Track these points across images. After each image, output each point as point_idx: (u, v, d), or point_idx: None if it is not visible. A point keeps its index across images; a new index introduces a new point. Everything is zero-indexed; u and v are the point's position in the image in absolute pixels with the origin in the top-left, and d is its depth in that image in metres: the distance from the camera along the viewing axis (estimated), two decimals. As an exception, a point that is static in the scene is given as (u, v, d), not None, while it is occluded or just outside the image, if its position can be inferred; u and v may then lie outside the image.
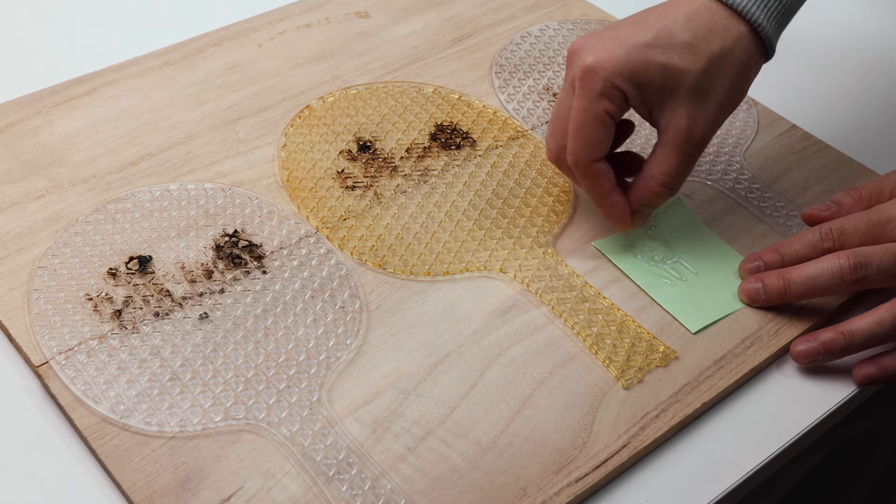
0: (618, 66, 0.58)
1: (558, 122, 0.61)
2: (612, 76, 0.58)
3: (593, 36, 0.59)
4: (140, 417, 0.52)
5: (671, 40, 0.58)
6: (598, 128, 0.59)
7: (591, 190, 0.62)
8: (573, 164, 0.60)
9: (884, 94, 0.81)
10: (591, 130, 0.59)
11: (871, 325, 0.57)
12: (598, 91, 0.58)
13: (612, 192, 0.61)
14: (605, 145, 0.60)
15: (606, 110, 0.58)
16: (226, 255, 0.61)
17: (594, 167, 0.60)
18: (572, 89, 0.60)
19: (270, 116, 0.72)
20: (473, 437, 0.53)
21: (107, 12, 0.84)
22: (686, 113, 0.58)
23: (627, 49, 0.58)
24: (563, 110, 0.60)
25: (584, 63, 0.58)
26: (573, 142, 0.60)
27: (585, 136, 0.59)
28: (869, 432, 0.72)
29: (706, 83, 0.58)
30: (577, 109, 0.59)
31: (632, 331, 0.59)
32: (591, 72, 0.58)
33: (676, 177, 0.60)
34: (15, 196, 0.64)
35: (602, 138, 0.59)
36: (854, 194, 0.63)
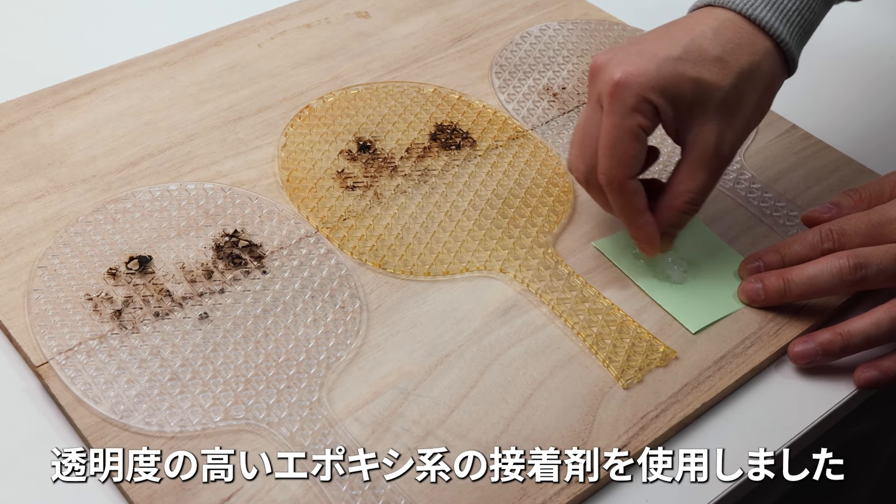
0: (649, 79, 0.56)
1: (586, 140, 0.59)
2: (643, 90, 0.56)
3: (618, 51, 0.58)
4: (140, 417, 0.52)
5: (701, 54, 0.57)
6: (632, 144, 0.57)
7: (623, 210, 0.59)
8: (606, 183, 0.58)
9: (884, 94, 0.81)
10: (625, 147, 0.57)
11: (869, 327, 0.57)
12: (631, 106, 0.56)
13: (644, 211, 0.59)
14: (639, 162, 0.58)
15: (640, 125, 0.57)
16: (226, 255, 0.61)
17: (628, 185, 0.58)
18: (599, 106, 0.58)
19: (270, 116, 0.72)
20: (473, 437, 0.53)
21: (107, 12, 0.84)
22: (715, 128, 0.57)
23: (657, 63, 0.56)
24: (591, 129, 0.58)
25: (613, 78, 0.56)
26: (606, 160, 0.57)
27: (620, 153, 0.57)
28: (869, 432, 0.72)
29: (735, 98, 0.57)
30: (609, 126, 0.57)
31: (632, 331, 0.59)
32: (622, 86, 0.56)
33: (702, 193, 0.59)
34: (15, 196, 0.64)
35: (636, 154, 0.57)
36: (854, 196, 0.63)
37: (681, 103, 0.57)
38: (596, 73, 0.58)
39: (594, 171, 0.59)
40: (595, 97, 0.58)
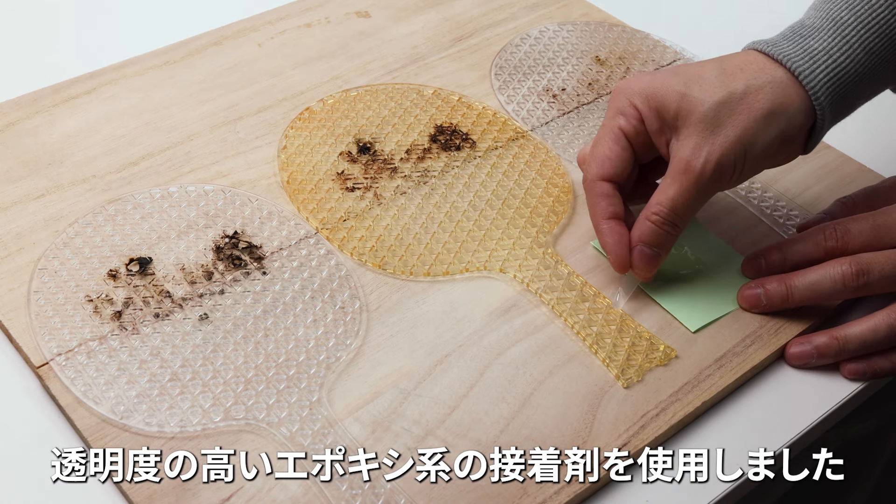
0: (639, 88, 0.58)
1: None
2: (631, 95, 0.59)
3: (642, 72, 0.60)
4: (140, 418, 0.52)
5: (699, 75, 0.58)
6: (609, 144, 0.59)
7: (589, 210, 0.60)
8: (584, 180, 0.60)
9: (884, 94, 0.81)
10: (603, 146, 0.59)
11: (866, 332, 0.58)
12: (616, 108, 0.59)
13: (608, 218, 0.59)
14: (614, 164, 0.59)
15: (620, 126, 0.59)
16: (226, 256, 0.61)
17: (598, 185, 0.59)
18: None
19: (270, 116, 0.72)
20: (473, 437, 0.53)
21: (107, 12, 0.84)
22: (692, 143, 0.57)
23: (654, 77, 0.59)
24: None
25: (615, 87, 0.60)
26: (588, 156, 0.60)
27: (597, 152, 0.59)
28: (870, 432, 0.72)
29: (719, 116, 0.56)
30: (600, 126, 0.60)
31: (632, 330, 0.59)
32: (616, 92, 0.60)
33: (672, 208, 0.57)
34: (15, 196, 0.64)
35: (612, 156, 0.58)
36: (847, 203, 0.64)
37: (666, 113, 0.58)
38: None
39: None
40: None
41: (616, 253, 0.59)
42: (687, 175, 0.57)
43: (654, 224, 0.58)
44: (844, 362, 0.59)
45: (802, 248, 0.61)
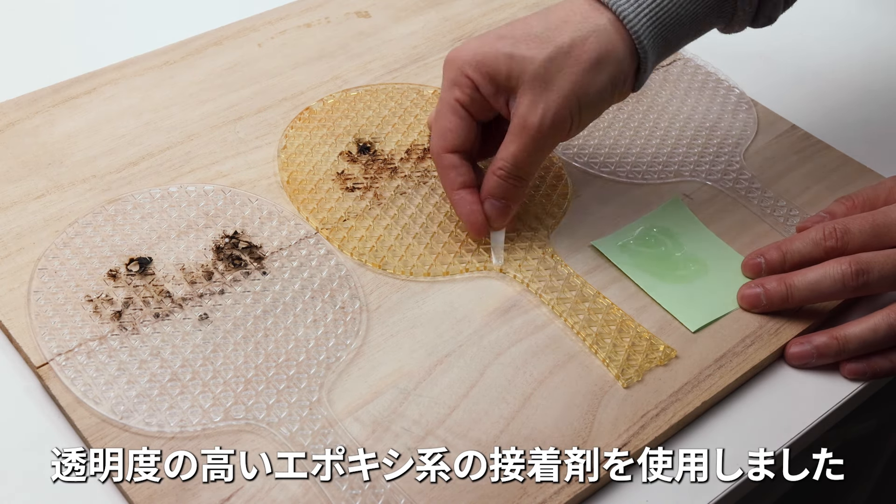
0: (468, 56, 0.59)
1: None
2: (462, 66, 0.59)
3: (473, 38, 0.61)
4: (140, 418, 0.52)
5: (525, 32, 0.59)
6: (448, 116, 0.60)
7: (442, 182, 0.62)
8: (431, 154, 0.62)
9: (884, 94, 0.81)
10: (443, 119, 0.60)
11: (866, 332, 0.58)
12: (451, 80, 0.60)
13: (460, 188, 0.61)
14: (457, 136, 0.60)
15: (457, 98, 0.60)
16: (226, 256, 0.61)
17: (444, 158, 0.61)
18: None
19: (270, 116, 0.72)
20: (473, 437, 0.53)
21: (107, 12, 0.84)
22: (527, 100, 0.58)
23: (482, 42, 0.59)
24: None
25: (446, 57, 0.61)
26: (432, 132, 0.62)
27: (439, 126, 0.61)
28: (870, 432, 0.72)
29: (550, 72, 0.58)
30: (438, 101, 0.61)
31: (631, 330, 0.59)
32: (447, 64, 0.61)
33: (515, 163, 0.59)
34: (15, 196, 0.64)
35: (453, 128, 0.60)
36: (847, 203, 0.64)
37: (499, 77, 0.59)
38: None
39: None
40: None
41: (470, 220, 0.61)
42: (525, 132, 0.59)
43: (499, 178, 0.60)
44: (844, 362, 0.59)
45: (802, 248, 0.61)
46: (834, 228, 0.60)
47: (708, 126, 0.74)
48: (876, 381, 0.60)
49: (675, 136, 0.73)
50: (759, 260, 0.62)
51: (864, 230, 0.60)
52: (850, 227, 0.60)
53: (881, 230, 0.59)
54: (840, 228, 0.60)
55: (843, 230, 0.60)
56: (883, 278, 0.58)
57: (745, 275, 0.63)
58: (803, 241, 0.61)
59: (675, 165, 0.70)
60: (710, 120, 0.74)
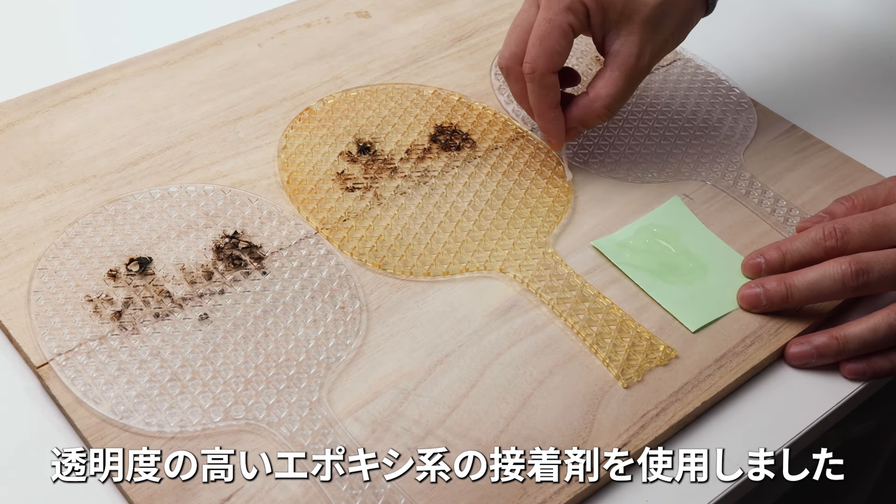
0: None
1: (516, 31, 0.64)
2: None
3: None
4: (140, 418, 0.52)
5: None
6: (559, 39, 0.62)
7: (538, 101, 0.64)
8: (529, 72, 0.63)
9: (884, 94, 0.81)
10: (553, 41, 0.62)
11: (866, 332, 0.58)
12: (566, 5, 0.62)
13: (556, 107, 0.65)
14: (563, 58, 0.63)
15: (570, 23, 0.62)
16: (226, 256, 0.61)
17: (548, 78, 0.63)
18: (536, 4, 0.64)
19: (270, 116, 0.72)
20: (473, 437, 0.53)
21: (107, 12, 0.84)
22: (638, 41, 0.63)
23: None
24: (525, 22, 0.64)
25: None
26: (535, 49, 0.63)
27: (548, 46, 0.62)
28: (870, 432, 0.72)
29: (659, 17, 0.63)
30: (543, 20, 0.62)
31: (632, 330, 0.59)
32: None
33: (619, 99, 0.64)
34: (15, 196, 0.64)
35: (562, 50, 0.63)
36: (846, 203, 0.63)
37: (611, 11, 0.62)
38: None
39: (518, 60, 0.64)
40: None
41: (558, 136, 0.66)
42: (634, 70, 0.63)
43: (598, 114, 0.65)
44: (844, 362, 0.59)
45: (802, 248, 0.61)
46: (834, 228, 0.60)
47: (708, 126, 0.74)
48: (876, 381, 0.60)
49: (675, 136, 0.73)
50: (759, 260, 0.62)
51: (864, 230, 0.60)
52: (849, 226, 0.60)
53: (881, 230, 0.59)
54: (840, 228, 0.60)
55: (842, 230, 0.60)
56: (883, 278, 0.58)
57: (745, 275, 0.63)
58: (803, 241, 0.61)
59: (675, 165, 0.70)
60: (710, 120, 0.74)
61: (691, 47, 0.81)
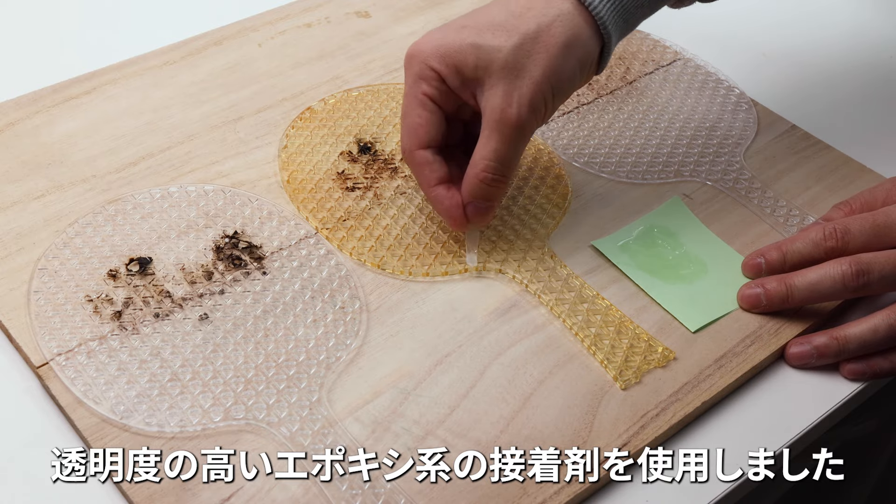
0: (432, 48, 0.58)
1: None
2: (426, 59, 0.58)
3: (433, 29, 0.60)
4: (140, 418, 0.52)
5: (488, 21, 0.58)
6: (418, 111, 0.59)
7: (418, 180, 0.61)
8: (403, 153, 0.60)
9: (884, 94, 0.81)
10: (413, 115, 0.59)
11: (866, 333, 0.58)
12: (416, 74, 0.59)
13: (435, 185, 0.60)
14: (428, 132, 0.59)
15: (424, 92, 0.59)
16: (226, 256, 0.61)
17: (416, 155, 0.59)
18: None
19: (270, 116, 0.72)
20: (473, 437, 0.53)
21: (107, 12, 0.84)
22: (500, 91, 0.57)
23: (445, 33, 0.58)
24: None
25: (407, 52, 0.59)
26: (402, 129, 0.60)
27: (409, 122, 0.59)
28: (869, 432, 0.72)
29: (520, 60, 0.57)
30: (404, 97, 0.60)
31: (630, 331, 0.59)
32: (410, 58, 0.59)
33: (498, 160, 0.58)
34: (15, 196, 0.64)
35: (423, 122, 0.59)
36: (844, 208, 0.64)
37: (465, 69, 0.57)
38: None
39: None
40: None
41: (451, 216, 0.60)
42: (504, 124, 0.57)
43: (483, 182, 0.59)
44: (844, 362, 0.59)
45: (802, 248, 0.61)
46: (834, 229, 0.60)
47: (708, 126, 0.74)
48: (876, 381, 0.60)
49: (675, 136, 0.73)
50: (759, 260, 0.62)
51: (864, 230, 0.60)
52: (850, 227, 0.60)
53: (882, 230, 0.59)
54: (840, 229, 0.60)
55: (843, 230, 0.60)
56: (883, 279, 0.58)
57: (745, 275, 0.63)
58: (803, 241, 0.61)
59: (675, 165, 0.70)
60: (710, 120, 0.74)
61: (691, 47, 0.81)
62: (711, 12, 0.88)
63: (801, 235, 0.61)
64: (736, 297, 0.61)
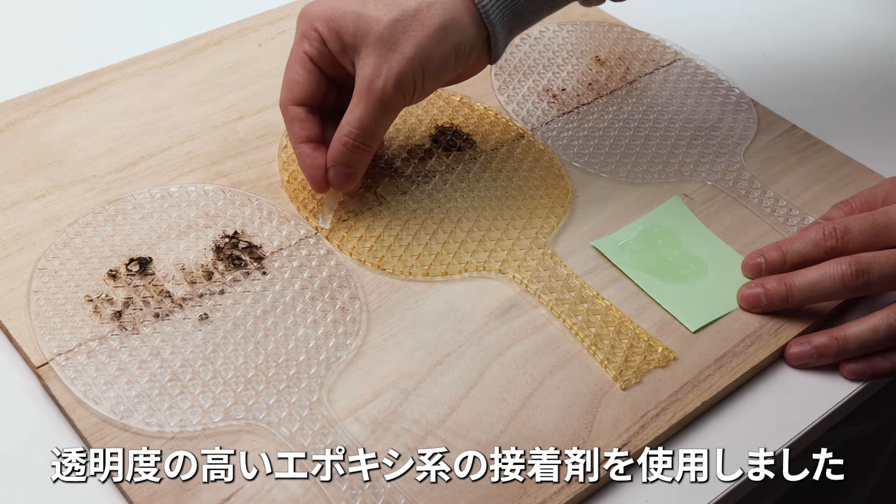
0: (321, 10, 0.60)
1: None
2: (313, 19, 0.60)
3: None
4: (140, 418, 0.52)
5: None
6: (296, 68, 0.61)
7: (288, 135, 0.63)
8: (280, 105, 0.62)
9: (884, 94, 0.81)
10: (293, 71, 0.61)
11: (866, 333, 0.58)
12: (301, 33, 0.61)
13: (302, 142, 0.61)
14: (303, 89, 0.61)
15: (305, 51, 0.60)
16: (226, 256, 0.61)
17: (290, 111, 0.61)
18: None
19: (270, 116, 0.72)
20: (473, 437, 0.53)
21: (107, 11, 0.84)
22: (372, 62, 0.58)
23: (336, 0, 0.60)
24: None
25: (300, 11, 0.61)
26: (282, 82, 0.62)
27: (288, 77, 0.61)
28: (869, 432, 0.72)
29: (395, 34, 0.58)
30: (290, 53, 0.62)
31: (630, 331, 0.59)
32: (300, 16, 0.61)
33: (361, 127, 0.60)
34: (15, 196, 0.64)
35: (300, 80, 0.61)
36: (844, 208, 0.64)
37: (345, 34, 0.59)
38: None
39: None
40: None
41: (311, 175, 0.62)
42: (370, 94, 0.59)
43: (344, 146, 0.60)
44: (844, 362, 0.59)
45: (802, 248, 0.61)
46: (834, 228, 0.60)
47: (708, 126, 0.74)
48: (876, 381, 0.60)
49: (675, 136, 0.73)
50: (759, 260, 0.62)
51: (864, 230, 0.60)
52: (850, 226, 0.60)
53: (881, 230, 0.59)
54: (840, 228, 0.60)
55: (843, 230, 0.60)
56: (883, 278, 0.58)
57: (745, 275, 0.63)
58: (803, 241, 0.61)
59: (675, 165, 0.70)
60: (710, 120, 0.74)
61: (691, 47, 0.81)
62: (711, 12, 0.88)
63: (800, 235, 0.61)
64: (736, 297, 0.61)
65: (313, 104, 0.62)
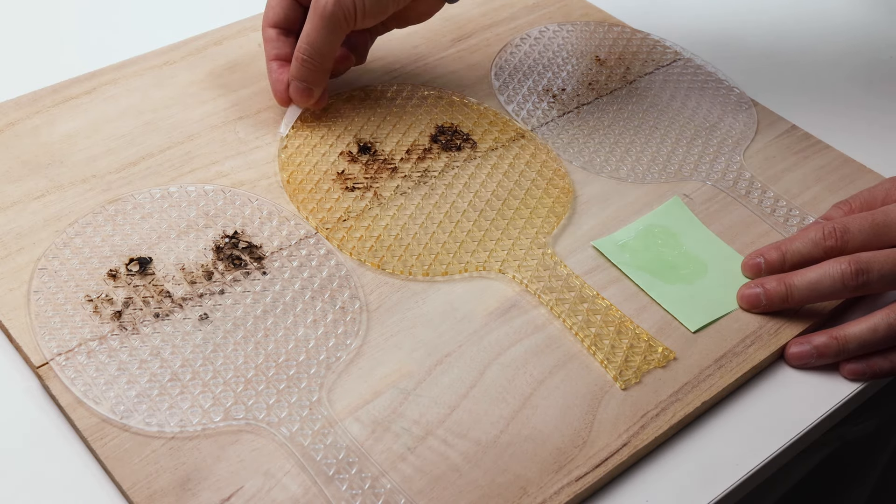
0: None
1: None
2: None
3: None
4: (140, 418, 0.52)
5: None
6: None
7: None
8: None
9: (884, 94, 0.81)
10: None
11: (866, 332, 0.58)
12: None
13: (273, 59, 0.68)
14: (276, 13, 0.67)
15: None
16: (226, 256, 0.61)
17: (266, 31, 0.68)
18: None
19: (270, 116, 0.72)
20: (473, 437, 0.53)
21: (107, 11, 0.84)
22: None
23: None
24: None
25: None
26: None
27: (267, 2, 0.68)
28: (869, 432, 0.72)
29: None
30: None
31: (630, 331, 0.59)
32: None
33: (310, 44, 0.65)
34: (15, 196, 0.64)
35: (274, 4, 0.67)
36: (844, 207, 0.64)
37: None
38: None
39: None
40: None
41: (275, 88, 0.69)
42: (315, 13, 0.65)
43: (297, 62, 0.66)
44: (844, 362, 0.59)
45: (801, 248, 0.61)
46: (833, 228, 0.60)
47: (708, 126, 0.74)
48: (876, 381, 0.60)
49: (675, 136, 0.73)
50: (759, 260, 0.62)
51: (863, 229, 0.60)
52: (849, 226, 0.60)
53: (881, 229, 0.59)
54: (840, 228, 0.60)
55: (842, 230, 0.60)
56: (883, 278, 0.58)
57: (744, 275, 0.63)
58: (803, 240, 0.61)
59: (675, 165, 0.70)
60: (710, 120, 0.74)
61: (691, 47, 0.81)
62: (711, 12, 0.88)
63: (800, 235, 0.61)
64: (736, 297, 0.61)
65: (287, 27, 0.68)
